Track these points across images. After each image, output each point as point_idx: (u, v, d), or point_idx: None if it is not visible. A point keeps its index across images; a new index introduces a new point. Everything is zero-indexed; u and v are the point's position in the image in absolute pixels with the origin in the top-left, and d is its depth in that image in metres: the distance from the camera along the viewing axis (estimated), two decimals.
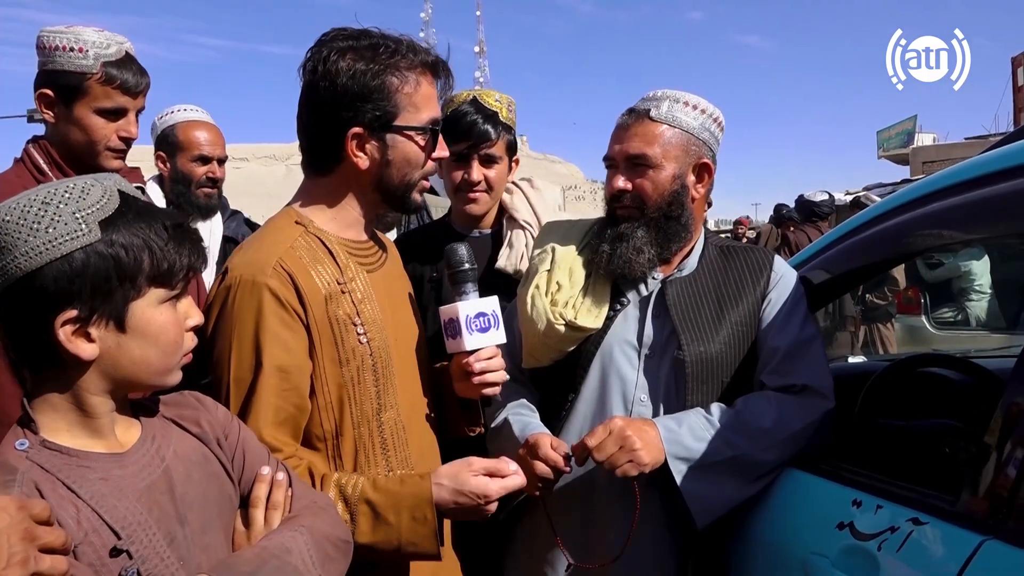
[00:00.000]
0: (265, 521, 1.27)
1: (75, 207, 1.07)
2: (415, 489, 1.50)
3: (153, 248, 1.11)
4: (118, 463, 1.12)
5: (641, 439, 1.74)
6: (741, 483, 1.85)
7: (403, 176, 1.63)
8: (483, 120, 2.28)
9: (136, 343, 1.12)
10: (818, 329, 2.06)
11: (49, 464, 1.06)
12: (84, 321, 1.07)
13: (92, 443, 1.12)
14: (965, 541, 1.35)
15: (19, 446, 1.06)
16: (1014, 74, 19.47)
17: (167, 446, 1.20)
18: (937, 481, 1.60)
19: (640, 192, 1.93)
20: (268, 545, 1.21)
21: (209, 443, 1.26)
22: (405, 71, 1.57)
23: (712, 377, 1.91)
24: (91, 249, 1.06)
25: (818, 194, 7.31)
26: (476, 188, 2.32)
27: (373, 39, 1.57)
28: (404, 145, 1.60)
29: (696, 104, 1.95)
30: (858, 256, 2.16)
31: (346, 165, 1.60)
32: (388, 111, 1.56)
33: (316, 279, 1.54)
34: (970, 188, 1.75)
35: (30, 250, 1.04)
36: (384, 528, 1.48)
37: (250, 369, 1.48)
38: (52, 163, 2.11)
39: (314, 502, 1.35)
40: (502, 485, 1.53)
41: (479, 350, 1.69)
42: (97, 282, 1.07)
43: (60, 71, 2.03)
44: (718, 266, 2.02)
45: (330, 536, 1.30)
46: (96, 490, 1.06)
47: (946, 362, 2.38)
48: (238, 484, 1.29)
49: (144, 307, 1.12)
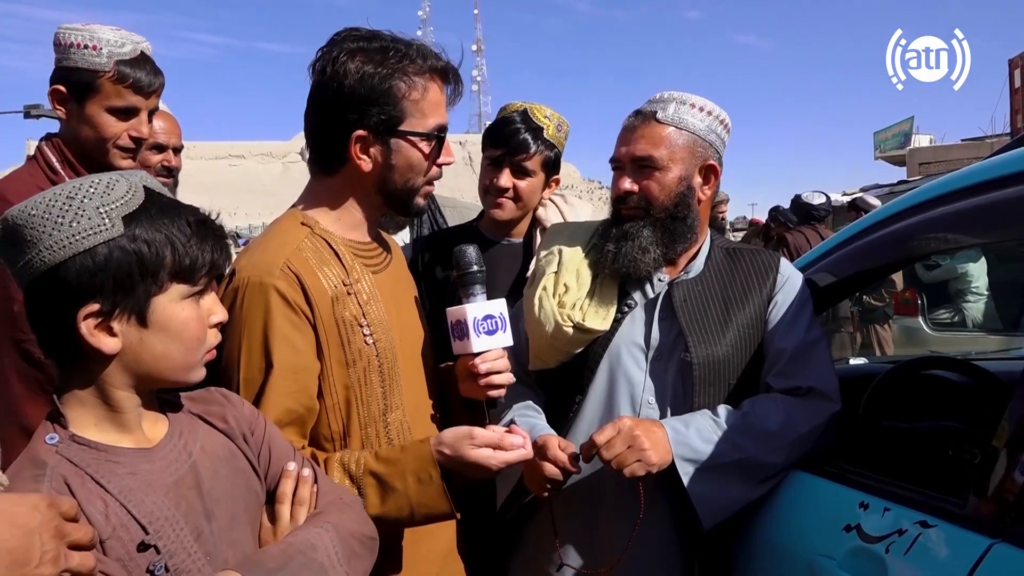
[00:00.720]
0: (291, 517, 1.29)
1: (99, 202, 1.08)
2: (416, 452, 1.52)
3: (176, 244, 1.13)
4: (146, 458, 1.14)
5: (649, 439, 1.75)
6: (748, 485, 1.86)
7: (406, 181, 1.63)
8: (524, 131, 2.31)
9: (158, 338, 1.13)
10: (823, 331, 2.07)
11: (78, 458, 1.07)
12: (106, 315, 1.09)
13: (120, 438, 1.14)
14: (974, 544, 1.36)
15: (49, 440, 1.08)
16: (1011, 76, 19.54)
17: (194, 442, 1.21)
18: (943, 484, 1.62)
19: (646, 193, 1.94)
20: (294, 541, 1.22)
21: (235, 439, 1.28)
22: (413, 76, 1.57)
23: (719, 379, 1.92)
24: (114, 244, 1.08)
25: (815, 195, 7.30)
26: (504, 195, 2.35)
27: (384, 42, 1.58)
28: (408, 150, 1.60)
29: (702, 106, 1.96)
30: (863, 259, 2.17)
31: (350, 167, 1.60)
32: (393, 115, 1.56)
33: (323, 280, 1.55)
34: (975, 193, 1.77)
35: (54, 244, 1.06)
36: (393, 496, 1.50)
37: (260, 370, 1.49)
38: (64, 161, 2.12)
39: (340, 498, 1.36)
40: (503, 459, 1.53)
41: (486, 352, 1.70)
42: (119, 276, 1.08)
43: (74, 68, 2.04)
44: (724, 268, 2.02)
45: (356, 533, 1.31)
46: (124, 485, 1.08)
47: (949, 364, 2.39)
48: (264, 480, 1.31)
49: (166, 303, 1.13)
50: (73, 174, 2.10)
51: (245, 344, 1.49)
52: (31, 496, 0.94)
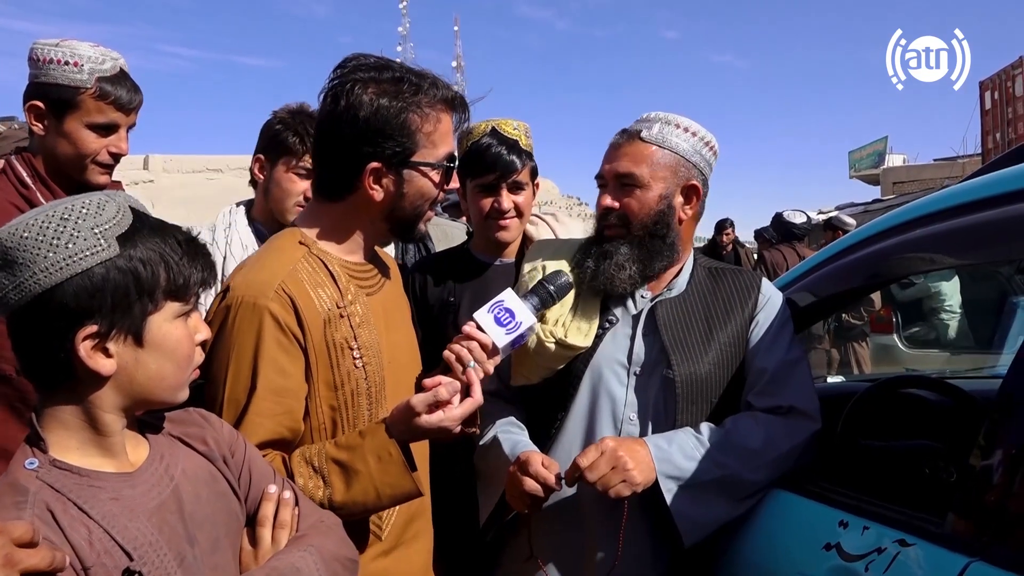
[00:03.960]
0: (272, 540, 1.28)
1: (93, 222, 1.08)
2: (373, 434, 1.52)
3: (169, 262, 1.13)
4: (128, 483, 1.12)
5: (633, 459, 1.76)
6: (729, 502, 1.86)
7: (415, 208, 1.66)
8: (507, 151, 2.32)
9: (152, 357, 1.14)
10: (804, 351, 2.09)
11: (59, 484, 1.06)
12: (103, 336, 1.08)
13: (103, 462, 1.13)
14: (952, 563, 1.37)
15: (29, 465, 1.06)
16: (981, 98, 19.91)
17: (175, 465, 1.20)
18: (920, 502, 1.63)
19: (626, 210, 1.95)
20: (278, 565, 1.21)
21: (216, 461, 1.27)
22: (426, 108, 1.59)
23: (701, 397, 1.93)
24: (110, 264, 1.08)
25: (796, 214, 7.40)
26: (507, 215, 2.36)
27: (395, 72, 1.59)
28: (420, 181, 1.63)
29: (688, 127, 1.98)
30: (842, 279, 2.20)
31: (359, 195, 1.61)
32: (408, 148, 1.58)
33: (316, 302, 1.55)
34: (952, 216, 1.80)
35: (50, 266, 1.05)
36: (357, 479, 1.49)
37: (245, 390, 1.48)
38: (36, 176, 2.10)
39: (321, 521, 1.36)
40: (456, 416, 1.53)
41: (483, 332, 1.65)
42: (117, 297, 1.08)
43: (53, 84, 2.03)
44: (707, 287, 2.04)
45: (338, 555, 1.30)
46: (107, 510, 1.07)
47: (925, 383, 2.42)
48: (244, 502, 1.30)
49: (161, 321, 1.14)
50: (45, 189, 2.08)
51: (233, 364, 1.48)
52: None
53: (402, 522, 1.68)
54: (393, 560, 1.66)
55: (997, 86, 19.13)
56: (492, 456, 1.97)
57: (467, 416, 1.56)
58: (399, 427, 1.52)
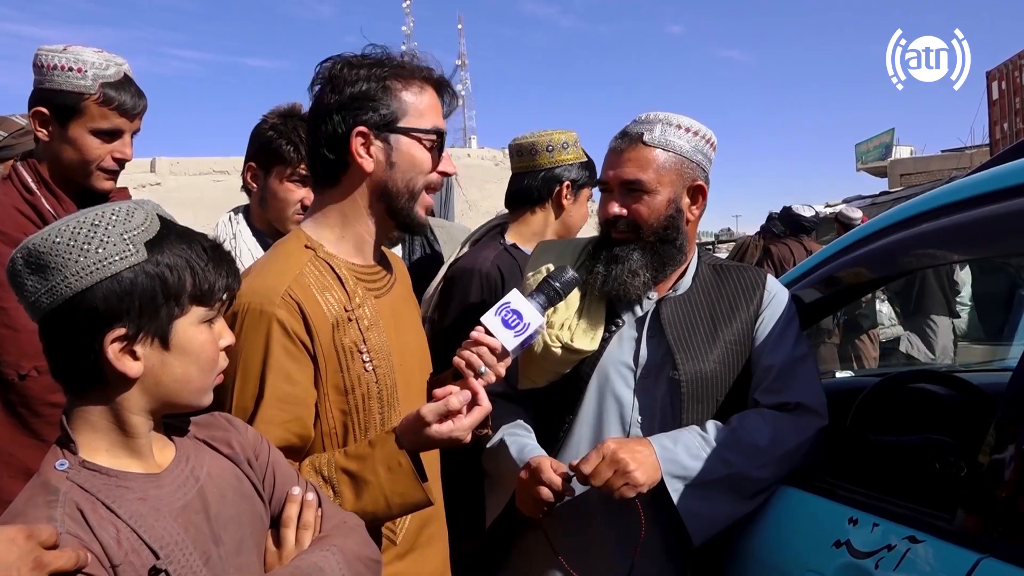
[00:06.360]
0: (296, 541, 1.30)
1: (122, 228, 1.12)
2: (383, 444, 1.52)
3: (195, 268, 1.17)
4: (155, 483, 1.15)
5: (635, 460, 1.75)
6: (737, 500, 1.86)
7: (408, 180, 1.63)
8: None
9: (178, 360, 1.17)
10: (810, 347, 2.08)
11: (89, 484, 1.09)
12: (131, 339, 1.12)
13: (130, 463, 1.16)
14: (962, 559, 1.37)
15: (59, 466, 1.09)
16: (988, 88, 19.77)
17: (201, 467, 1.23)
18: (930, 498, 1.63)
19: (636, 217, 1.93)
20: (301, 565, 1.24)
21: (240, 464, 1.29)
22: (408, 77, 1.62)
23: (707, 396, 1.93)
24: (139, 268, 1.11)
25: (805, 208, 7.35)
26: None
27: (379, 55, 1.63)
28: (408, 146, 1.62)
29: (688, 126, 1.96)
30: (850, 274, 2.19)
31: (353, 170, 1.60)
32: (393, 111, 1.59)
33: (323, 306, 1.54)
34: (960, 209, 1.78)
35: (80, 270, 1.08)
36: (367, 489, 1.50)
37: (252, 398, 1.48)
38: (41, 182, 2.10)
39: (344, 522, 1.38)
40: (465, 426, 1.52)
41: (491, 335, 1.64)
42: (145, 300, 1.11)
43: (57, 90, 2.03)
44: (712, 285, 2.03)
45: (361, 556, 1.32)
46: (135, 510, 1.09)
47: (934, 378, 2.41)
48: (269, 504, 1.32)
49: (186, 325, 1.17)
50: (50, 195, 2.09)
51: (241, 371, 1.48)
52: (8, 529, 0.95)
53: (416, 527, 1.68)
54: (408, 564, 1.66)
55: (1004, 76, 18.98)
56: (499, 459, 1.97)
57: (477, 425, 1.55)
58: (409, 436, 1.52)
